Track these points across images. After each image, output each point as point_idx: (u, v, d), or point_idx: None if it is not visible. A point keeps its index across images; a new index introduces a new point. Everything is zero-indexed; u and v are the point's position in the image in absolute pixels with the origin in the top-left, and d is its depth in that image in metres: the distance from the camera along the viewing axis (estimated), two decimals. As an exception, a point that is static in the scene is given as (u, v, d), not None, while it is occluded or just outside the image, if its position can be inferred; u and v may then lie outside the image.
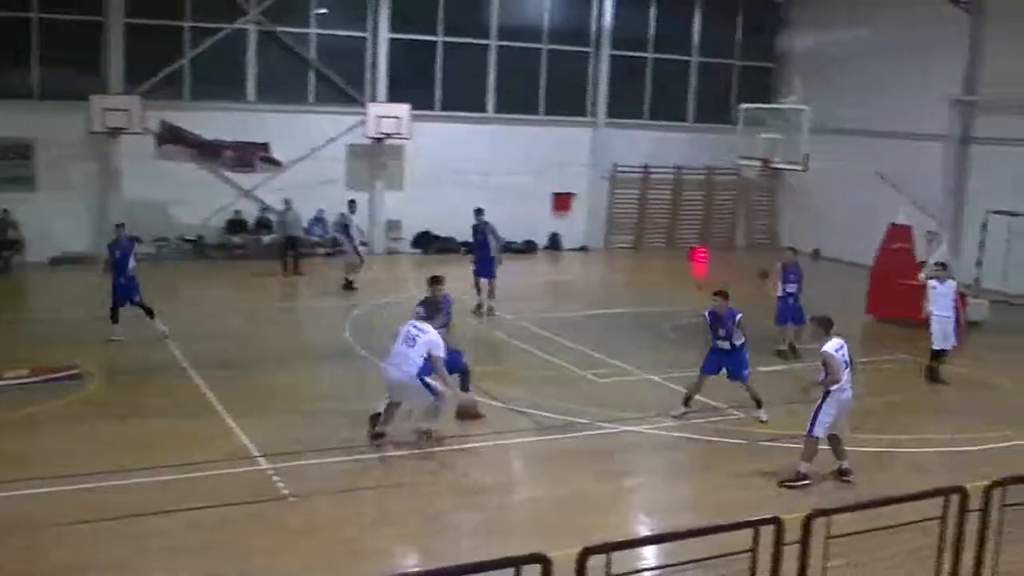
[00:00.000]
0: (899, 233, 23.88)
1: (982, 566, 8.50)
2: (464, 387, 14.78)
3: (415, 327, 13.51)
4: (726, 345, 15.51)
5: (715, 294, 15.60)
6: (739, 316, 15.42)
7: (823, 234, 33.46)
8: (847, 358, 12.84)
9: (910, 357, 19.75)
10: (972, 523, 8.38)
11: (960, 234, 28.15)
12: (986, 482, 8.60)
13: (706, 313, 15.67)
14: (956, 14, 28.75)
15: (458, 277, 26.83)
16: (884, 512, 8.25)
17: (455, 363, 14.49)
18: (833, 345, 12.80)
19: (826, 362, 12.69)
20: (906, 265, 23.28)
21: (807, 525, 7.56)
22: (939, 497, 8.40)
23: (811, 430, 12.79)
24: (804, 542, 7.53)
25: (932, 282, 18.48)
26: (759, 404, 15.60)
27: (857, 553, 7.79)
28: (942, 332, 18.21)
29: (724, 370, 15.64)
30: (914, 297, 22.48)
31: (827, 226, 33.22)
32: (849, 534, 7.80)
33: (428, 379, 13.31)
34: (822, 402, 12.77)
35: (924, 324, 18.55)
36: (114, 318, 19.17)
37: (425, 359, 13.22)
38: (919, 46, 30.15)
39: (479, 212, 23.53)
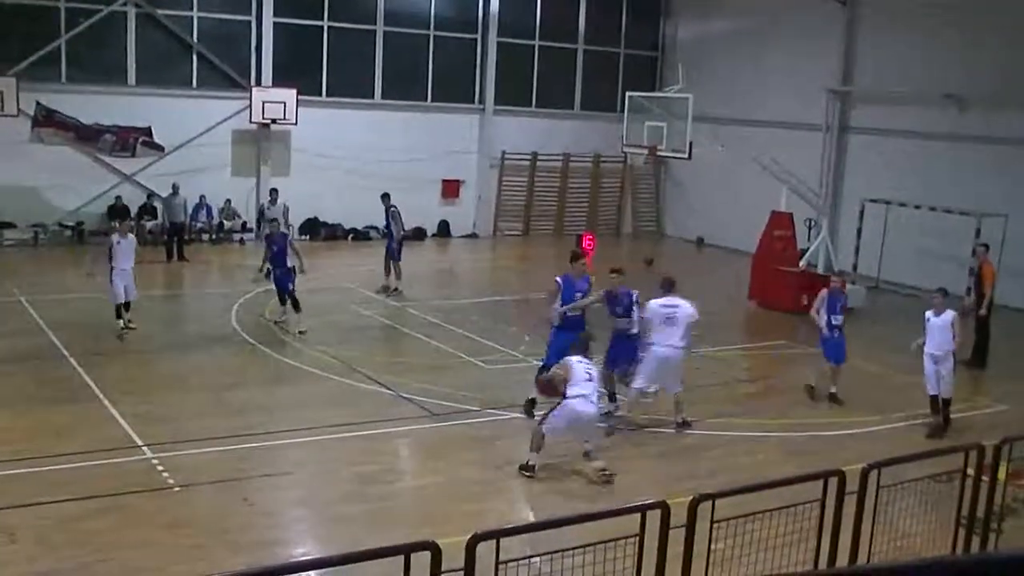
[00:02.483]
0: (780, 221, 24.41)
1: (859, 545, 8.76)
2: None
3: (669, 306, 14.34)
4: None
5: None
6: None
7: (707, 222, 34.03)
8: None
9: (789, 343, 20.21)
10: (849, 504, 8.64)
11: (838, 222, 28.91)
12: (862, 465, 8.87)
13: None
14: (833, 6, 29.46)
15: (349, 263, 26.73)
16: (766, 495, 8.44)
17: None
18: None
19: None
20: (788, 252, 23.84)
21: (692, 509, 7.70)
22: (819, 480, 8.64)
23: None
24: (690, 526, 7.67)
25: (928, 313, 15.12)
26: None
27: (741, 536, 7.95)
28: (935, 374, 14.93)
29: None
30: (794, 284, 23.16)
31: (711, 214, 33.80)
32: (733, 517, 7.97)
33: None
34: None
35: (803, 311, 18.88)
36: (282, 302, 19.81)
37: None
38: (798, 37, 30.87)
39: (385, 197, 23.78)
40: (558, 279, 14.82)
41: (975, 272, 20.14)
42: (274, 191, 25.73)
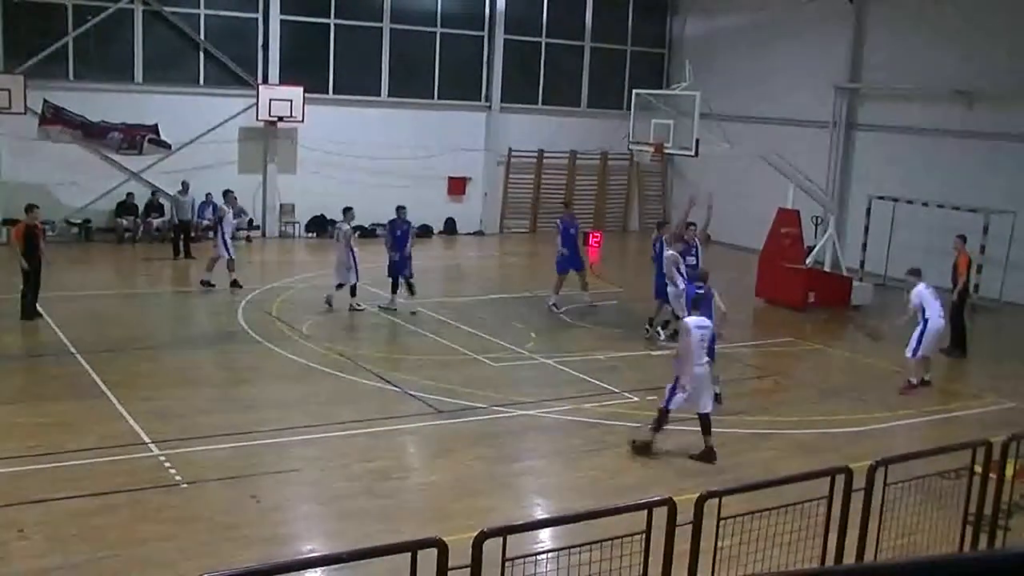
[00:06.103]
0: (787, 218, 24.37)
1: (866, 542, 8.75)
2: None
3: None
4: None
5: None
6: None
7: (713, 219, 33.89)
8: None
9: (796, 339, 20.18)
10: (857, 501, 8.63)
11: (845, 219, 28.86)
12: (869, 462, 8.86)
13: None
14: (840, 2, 29.41)
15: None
16: (773, 492, 8.43)
17: None
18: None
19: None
20: (794, 249, 23.80)
21: (699, 506, 7.70)
22: (826, 477, 8.62)
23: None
24: (696, 523, 7.66)
25: None
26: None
27: (748, 533, 7.94)
28: None
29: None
30: (801, 281, 23.15)
31: (717, 211, 33.61)
32: (740, 515, 7.96)
33: None
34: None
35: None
36: (394, 289, 21.42)
37: None
38: (806, 33, 30.85)
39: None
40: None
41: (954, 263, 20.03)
42: (227, 192, 24.66)
